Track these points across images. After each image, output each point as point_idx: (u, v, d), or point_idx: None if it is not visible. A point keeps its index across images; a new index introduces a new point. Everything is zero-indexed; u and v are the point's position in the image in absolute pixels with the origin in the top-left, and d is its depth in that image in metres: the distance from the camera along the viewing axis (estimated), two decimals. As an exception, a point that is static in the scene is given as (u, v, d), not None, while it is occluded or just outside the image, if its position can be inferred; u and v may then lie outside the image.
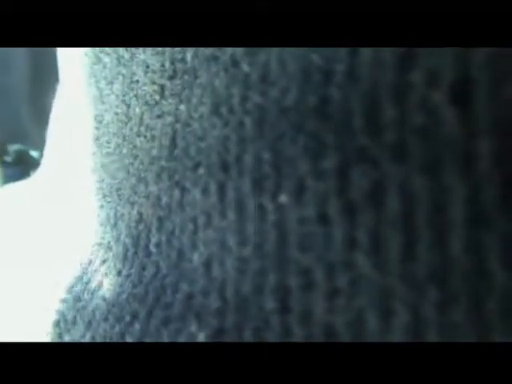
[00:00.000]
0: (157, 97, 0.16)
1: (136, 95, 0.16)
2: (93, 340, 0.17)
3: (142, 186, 0.16)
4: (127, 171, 0.17)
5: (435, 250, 0.13)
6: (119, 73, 0.17)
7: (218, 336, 0.14)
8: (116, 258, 0.17)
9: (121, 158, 0.17)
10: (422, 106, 0.13)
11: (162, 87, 0.16)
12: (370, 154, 0.13)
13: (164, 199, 0.16)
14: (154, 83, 0.16)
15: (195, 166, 0.15)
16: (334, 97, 0.13)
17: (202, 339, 0.15)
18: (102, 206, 0.18)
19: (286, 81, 0.14)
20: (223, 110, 0.15)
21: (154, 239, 0.16)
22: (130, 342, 0.16)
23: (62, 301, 0.18)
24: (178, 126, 0.15)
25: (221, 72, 0.15)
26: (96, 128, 0.18)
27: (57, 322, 0.18)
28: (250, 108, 0.14)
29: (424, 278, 0.13)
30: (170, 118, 0.16)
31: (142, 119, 0.16)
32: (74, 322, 0.17)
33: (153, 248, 0.16)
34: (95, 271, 0.18)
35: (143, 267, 0.16)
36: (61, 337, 0.18)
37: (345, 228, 0.13)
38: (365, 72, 0.13)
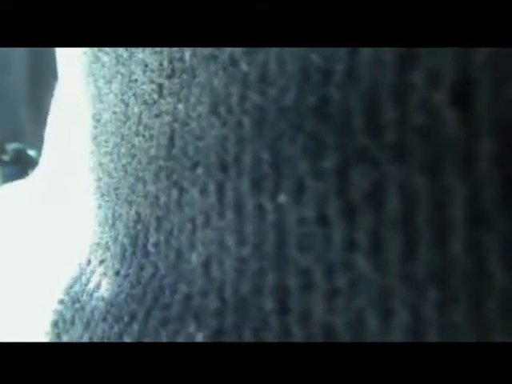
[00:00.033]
0: (155, 96, 0.16)
1: (134, 94, 0.16)
2: (91, 340, 0.17)
3: (140, 186, 0.16)
4: (125, 170, 0.17)
5: (435, 250, 0.13)
6: (118, 72, 0.17)
7: (216, 336, 0.14)
8: (114, 258, 0.17)
9: (119, 157, 0.17)
10: (423, 106, 0.13)
11: (160, 86, 0.16)
12: (370, 154, 0.13)
13: (162, 199, 0.16)
14: (153, 82, 0.16)
15: (193, 166, 0.15)
16: (333, 97, 0.13)
17: (200, 340, 0.15)
18: (99, 205, 0.18)
19: (285, 80, 0.14)
20: (222, 110, 0.15)
21: (152, 239, 0.16)
22: (128, 342, 0.16)
23: (61, 301, 0.18)
24: (176, 125, 0.15)
25: (219, 71, 0.15)
26: (94, 127, 0.18)
27: (55, 323, 0.18)
28: (249, 108, 0.14)
29: (424, 278, 0.13)
30: (168, 118, 0.16)
31: (140, 118, 0.16)
32: (73, 323, 0.17)
33: (151, 248, 0.16)
34: (93, 271, 0.18)
35: (141, 267, 0.16)
36: (59, 337, 0.18)
37: (344, 228, 0.13)
38: (365, 72, 0.13)
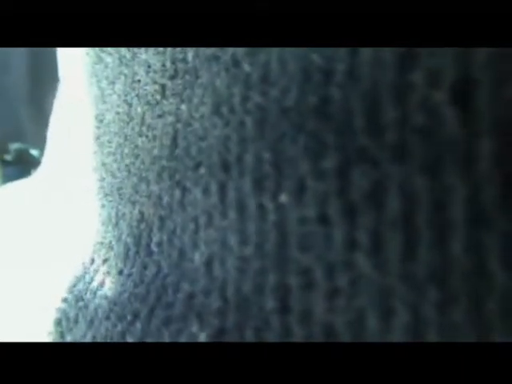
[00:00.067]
0: (158, 96, 0.16)
1: (137, 95, 0.16)
2: (94, 339, 0.17)
3: (143, 186, 0.16)
4: (128, 170, 0.17)
5: (435, 249, 0.13)
6: (121, 72, 0.17)
7: (218, 336, 0.14)
8: (117, 257, 0.17)
9: (122, 157, 0.17)
10: (423, 105, 0.13)
11: (163, 87, 0.16)
12: (371, 154, 0.13)
13: (165, 199, 0.16)
14: (156, 83, 0.16)
15: (196, 166, 0.15)
16: (334, 97, 0.13)
17: (203, 339, 0.15)
18: (103, 205, 0.18)
19: (286, 81, 0.14)
20: (224, 110, 0.15)
21: (155, 238, 0.16)
22: (131, 342, 0.16)
23: (64, 299, 0.18)
24: (179, 125, 0.15)
25: (222, 72, 0.15)
26: (97, 127, 0.18)
27: (59, 321, 0.18)
28: (251, 108, 0.14)
29: (424, 278, 0.13)
30: (171, 118, 0.16)
31: (143, 119, 0.16)
32: (76, 321, 0.17)
33: (154, 247, 0.16)
34: (97, 270, 0.18)
35: (145, 266, 0.16)
36: (63, 336, 0.18)
37: (345, 228, 0.13)
38: (365, 72, 0.13)
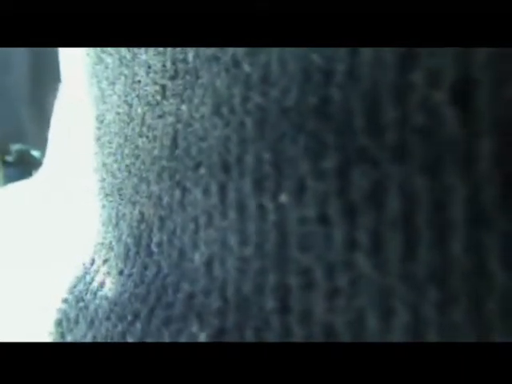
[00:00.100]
0: (158, 97, 0.16)
1: (138, 95, 0.16)
2: (95, 339, 0.17)
3: (143, 186, 0.16)
4: (129, 171, 0.17)
5: (435, 249, 0.13)
6: (121, 73, 0.17)
7: (218, 335, 0.14)
8: (118, 257, 0.17)
9: (122, 157, 0.17)
10: (423, 105, 0.13)
11: (163, 87, 0.16)
12: (371, 154, 0.13)
13: (165, 199, 0.16)
14: (156, 83, 0.16)
15: (196, 166, 0.15)
16: (334, 97, 0.13)
17: (203, 339, 0.15)
18: (103, 205, 0.18)
19: (286, 81, 0.14)
20: (224, 111, 0.15)
21: (155, 239, 0.16)
22: (131, 342, 0.16)
23: (65, 300, 0.18)
24: (180, 126, 0.15)
25: (222, 72, 0.15)
26: (98, 128, 0.18)
27: (59, 321, 0.18)
28: (251, 108, 0.14)
29: (424, 278, 0.13)
30: (171, 118, 0.16)
31: (143, 119, 0.16)
32: (77, 321, 0.17)
33: (154, 248, 0.16)
34: (97, 271, 0.18)
35: (145, 267, 0.16)
36: (63, 336, 0.18)
37: (345, 228, 0.13)
38: (365, 72, 0.13)
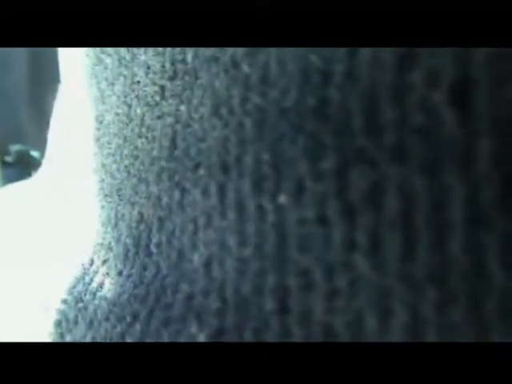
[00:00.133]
0: (157, 98, 0.16)
1: (137, 96, 0.16)
2: (94, 340, 0.17)
3: (142, 187, 0.16)
4: (128, 172, 0.17)
5: (434, 250, 0.13)
6: (120, 74, 0.17)
7: (218, 336, 0.14)
8: (117, 258, 0.17)
9: (122, 158, 0.17)
10: (422, 106, 0.13)
11: (162, 88, 0.16)
12: (369, 155, 0.13)
13: (164, 200, 0.16)
14: (155, 84, 0.16)
15: (195, 167, 0.15)
16: (333, 98, 0.13)
17: (202, 340, 0.15)
18: (102, 206, 0.18)
19: (285, 82, 0.14)
20: (223, 111, 0.15)
21: (154, 239, 0.16)
22: (130, 342, 0.16)
23: (64, 301, 0.18)
24: (179, 126, 0.15)
25: (221, 73, 0.15)
26: (97, 129, 0.18)
27: (58, 322, 0.18)
28: (250, 109, 0.14)
29: (423, 278, 0.13)
30: (170, 119, 0.16)
31: (142, 120, 0.16)
32: (76, 322, 0.17)
33: (153, 248, 0.16)
34: (96, 271, 0.18)
35: (144, 267, 0.16)
36: (62, 336, 0.18)
37: (344, 229, 0.13)
38: (364, 72, 0.13)
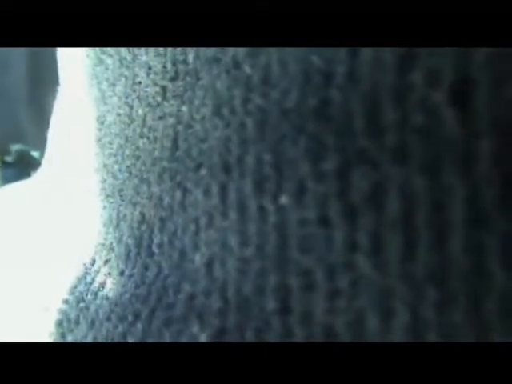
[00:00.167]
0: (159, 98, 0.16)
1: (138, 97, 0.16)
2: (95, 340, 0.17)
3: (144, 187, 0.16)
4: (129, 172, 0.17)
5: (435, 250, 0.13)
6: (121, 74, 0.17)
7: (219, 336, 0.14)
8: (118, 258, 0.17)
9: (123, 158, 0.17)
10: (422, 106, 0.13)
11: (163, 89, 0.16)
12: (370, 156, 0.13)
13: (166, 200, 0.16)
14: (156, 85, 0.16)
15: (197, 167, 0.15)
16: (334, 98, 0.13)
17: (203, 340, 0.15)
18: (104, 206, 0.18)
19: (286, 82, 0.14)
20: (225, 112, 0.15)
21: (156, 240, 0.16)
22: (132, 342, 0.16)
23: (65, 301, 0.18)
24: (180, 127, 0.15)
25: (222, 74, 0.15)
26: (98, 129, 0.18)
27: (60, 322, 0.18)
28: (252, 109, 0.14)
29: (424, 279, 0.13)
30: (171, 120, 0.16)
31: (144, 120, 0.16)
32: (77, 322, 0.17)
33: (155, 248, 0.16)
34: (98, 271, 0.18)
35: (146, 267, 0.16)
36: (64, 336, 0.18)
37: (345, 229, 0.13)
38: (365, 73, 0.13)
